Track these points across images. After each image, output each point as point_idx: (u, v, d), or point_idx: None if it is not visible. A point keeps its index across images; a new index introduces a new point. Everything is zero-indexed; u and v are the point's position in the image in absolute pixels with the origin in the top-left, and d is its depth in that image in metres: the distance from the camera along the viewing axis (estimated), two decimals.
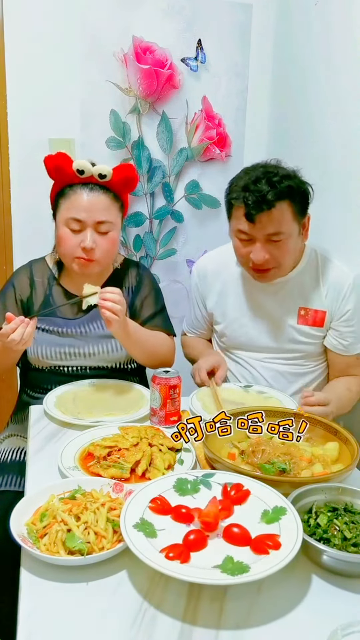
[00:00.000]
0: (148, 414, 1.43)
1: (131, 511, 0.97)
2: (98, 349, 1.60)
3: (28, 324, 1.38)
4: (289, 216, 1.46)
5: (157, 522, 0.96)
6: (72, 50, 2.14)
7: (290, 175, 1.47)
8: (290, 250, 1.52)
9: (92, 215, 1.50)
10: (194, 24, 2.26)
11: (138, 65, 2.22)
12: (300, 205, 1.49)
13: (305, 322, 1.62)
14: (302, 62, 2.10)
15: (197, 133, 2.37)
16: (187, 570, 0.85)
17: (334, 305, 1.60)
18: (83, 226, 1.51)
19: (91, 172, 1.49)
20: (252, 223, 1.45)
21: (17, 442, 1.52)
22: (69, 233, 1.52)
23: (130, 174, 1.54)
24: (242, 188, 1.46)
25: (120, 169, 1.52)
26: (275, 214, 1.44)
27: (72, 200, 1.51)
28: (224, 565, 0.87)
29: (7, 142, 2.17)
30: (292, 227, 1.48)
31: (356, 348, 1.62)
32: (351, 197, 1.81)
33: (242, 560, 0.87)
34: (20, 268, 1.70)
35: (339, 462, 1.20)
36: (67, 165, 1.49)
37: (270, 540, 0.91)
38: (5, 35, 2.08)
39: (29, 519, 0.99)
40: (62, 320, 1.61)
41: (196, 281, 1.77)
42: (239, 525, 0.95)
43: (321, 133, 1.99)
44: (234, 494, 1.03)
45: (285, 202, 1.44)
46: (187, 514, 0.98)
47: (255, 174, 1.46)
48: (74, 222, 1.50)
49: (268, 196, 1.41)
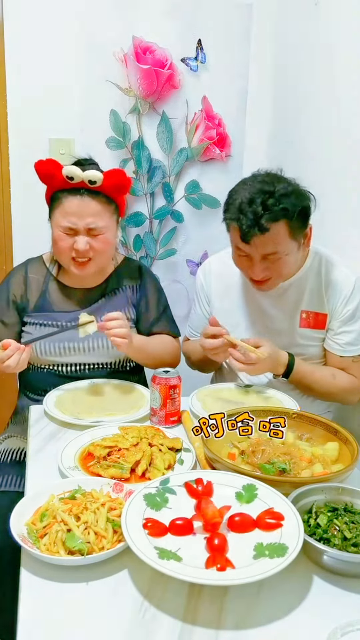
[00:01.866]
0: (148, 414, 1.43)
1: (132, 510, 0.96)
2: (98, 343, 1.60)
3: (24, 350, 1.43)
4: (286, 236, 1.44)
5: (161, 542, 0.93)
6: (72, 50, 2.14)
7: (288, 193, 1.42)
8: (290, 264, 1.52)
9: (83, 221, 1.50)
10: (194, 24, 2.26)
11: (138, 65, 2.22)
12: (298, 221, 1.45)
13: (308, 325, 1.62)
14: (302, 61, 2.10)
15: (197, 133, 2.37)
16: (187, 570, 0.85)
17: (335, 307, 1.59)
18: (75, 232, 1.52)
19: (81, 178, 1.47)
20: (248, 244, 1.45)
21: (17, 443, 1.52)
22: (63, 236, 1.53)
23: (121, 181, 1.52)
24: (238, 208, 1.43)
25: (110, 175, 1.50)
26: (271, 236, 1.42)
27: (64, 206, 1.51)
28: (260, 551, 0.88)
29: (7, 142, 2.17)
30: (290, 245, 1.47)
31: (352, 350, 1.61)
32: (351, 198, 1.81)
33: (271, 541, 0.89)
34: (16, 267, 1.71)
35: (339, 462, 1.20)
36: (57, 171, 1.48)
37: (269, 516, 0.92)
38: (5, 35, 2.08)
39: (29, 519, 0.99)
40: (60, 314, 1.61)
41: (202, 281, 1.77)
42: (241, 514, 0.96)
43: (321, 133, 1.99)
44: (201, 489, 1.03)
45: (281, 223, 1.42)
46: (185, 525, 0.96)
47: (251, 192, 1.42)
48: (66, 228, 1.51)
49: (262, 220, 1.39)
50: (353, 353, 1.61)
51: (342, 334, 1.60)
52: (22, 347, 1.44)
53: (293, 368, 1.55)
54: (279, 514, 0.96)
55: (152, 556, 0.86)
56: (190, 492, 1.03)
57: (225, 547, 0.91)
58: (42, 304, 1.63)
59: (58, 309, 1.62)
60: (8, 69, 2.11)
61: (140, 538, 0.90)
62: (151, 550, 0.88)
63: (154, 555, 0.87)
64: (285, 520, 0.95)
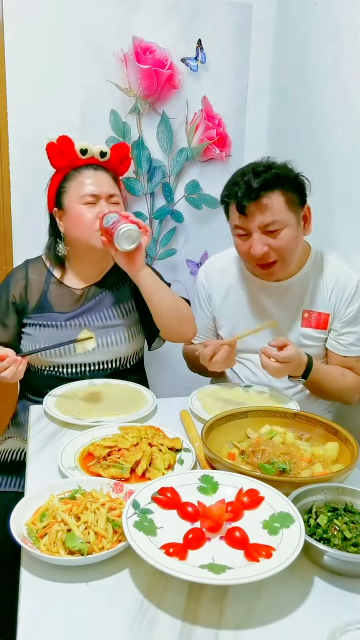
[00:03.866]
0: (148, 414, 1.43)
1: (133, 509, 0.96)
2: (98, 341, 1.60)
3: (20, 362, 1.43)
4: (281, 205, 1.46)
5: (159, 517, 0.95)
6: (72, 50, 2.14)
7: (279, 166, 1.50)
8: (291, 241, 1.50)
9: (102, 189, 1.58)
10: (194, 24, 2.26)
11: (138, 65, 2.22)
12: (293, 193, 1.48)
13: (309, 324, 1.62)
14: (302, 62, 2.10)
15: (197, 133, 2.37)
16: (188, 569, 0.85)
17: (337, 307, 1.59)
18: (97, 197, 1.57)
19: (92, 151, 1.60)
20: (245, 215, 1.46)
21: (17, 444, 1.52)
22: (84, 209, 1.56)
23: (126, 152, 1.68)
24: (232, 183, 1.50)
25: (116, 148, 1.66)
26: (265, 203, 1.45)
27: (82, 180, 1.58)
28: (209, 566, 0.87)
29: (7, 142, 2.17)
30: (287, 217, 1.47)
31: (356, 350, 1.61)
32: (353, 197, 1.81)
33: (225, 563, 0.87)
34: (16, 268, 1.70)
35: (339, 462, 1.20)
36: (71, 147, 1.59)
37: (264, 550, 0.90)
38: (5, 35, 2.08)
39: (29, 519, 0.99)
40: (59, 315, 1.61)
41: (203, 282, 1.76)
42: (241, 530, 0.95)
43: (321, 133, 1.99)
44: (247, 500, 1.01)
45: (274, 192, 1.45)
46: (194, 512, 0.98)
47: (243, 169, 1.51)
48: (88, 196, 1.56)
49: (254, 185, 1.43)
50: (357, 353, 1.61)
51: (346, 335, 1.60)
52: (19, 359, 1.43)
53: (312, 368, 1.52)
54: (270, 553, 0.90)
55: (153, 553, 0.86)
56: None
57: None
58: (42, 304, 1.63)
59: (58, 310, 1.62)
60: (8, 69, 2.10)
61: (140, 536, 0.90)
62: (152, 549, 0.88)
63: (155, 554, 0.87)
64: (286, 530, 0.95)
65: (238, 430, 1.31)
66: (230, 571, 0.85)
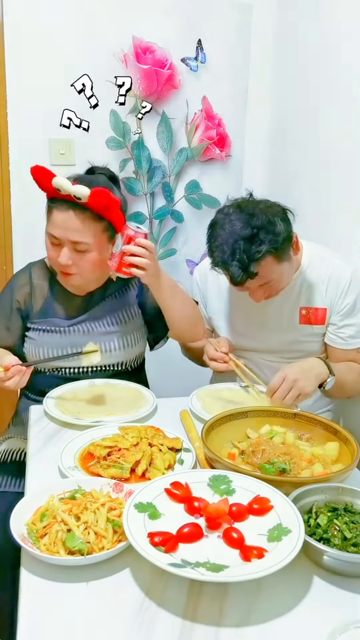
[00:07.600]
0: (148, 414, 1.43)
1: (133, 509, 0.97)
2: (101, 346, 1.59)
3: (24, 372, 1.42)
4: (275, 265, 1.45)
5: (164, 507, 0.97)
6: (72, 50, 2.15)
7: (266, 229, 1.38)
8: (285, 277, 1.52)
9: (66, 234, 1.46)
10: (194, 24, 2.26)
11: (138, 65, 2.22)
12: (284, 248, 1.44)
13: (307, 321, 1.63)
14: (302, 62, 2.10)
15: (197, 133, 2.37)
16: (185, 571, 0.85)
17: (333, 301, 1.60)
18: (60, 242, 1.48)
19: (68, 191, 1.40)
20: (241, 285, 1.46)
21: (17, 444, 1.52)
22: (50, 245, 1.51)
23: (105, 202, 1.42)
24: (222, 261, 1.42)
25: (94, 194, 1.39)
26: (261, 273, 1.43)
27: (52, 215, 1.48)
28: (204, 563, 0.87)
29: (7, 142, 2.17)
30: (282, 268, 1.48)
31: (355, 343, 1.62)
32: (351, 197, 1.81)
33: (223, 563, 0.87)
34: (19, 272, 1.69)
35: (339, 462, 1.20)
36: (48, 180, 1.41)
37: (257, 550, 0.90)
38: (5, 35, 2.09)
39: (29, 519, 0.99)
40: (63, 320, 1.61)
41: (198, 283, 1.77)
42: (238, 531, 0.94)
43: (321, 133, 1.99)
44: (256, 507, 1.00)
45: (268, 259, 1.41)
46: (200, 507, 0.99)
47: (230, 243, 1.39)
48: (52, 237, 1.49)
49: (250, 268, 1.39)
50: (357, 345, 1.61)
51: (345, 327, 1.60)
52: (23, 370, 1.42)
53: (328, 364, 1.49)
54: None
55: (153, 553, 0.86)
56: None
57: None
58: (46, 309, 1.62)
59: (61, 315, 1.62)
60: (8, 69, 2.11)
61: (140, 535, 0.90)
62: (152, 548, 0.88)
63: (154, 552, 0.87)
64: (285, 518, 0.95)
65: (238, 430, 1.30)
66: (228, 570, 0.86)
